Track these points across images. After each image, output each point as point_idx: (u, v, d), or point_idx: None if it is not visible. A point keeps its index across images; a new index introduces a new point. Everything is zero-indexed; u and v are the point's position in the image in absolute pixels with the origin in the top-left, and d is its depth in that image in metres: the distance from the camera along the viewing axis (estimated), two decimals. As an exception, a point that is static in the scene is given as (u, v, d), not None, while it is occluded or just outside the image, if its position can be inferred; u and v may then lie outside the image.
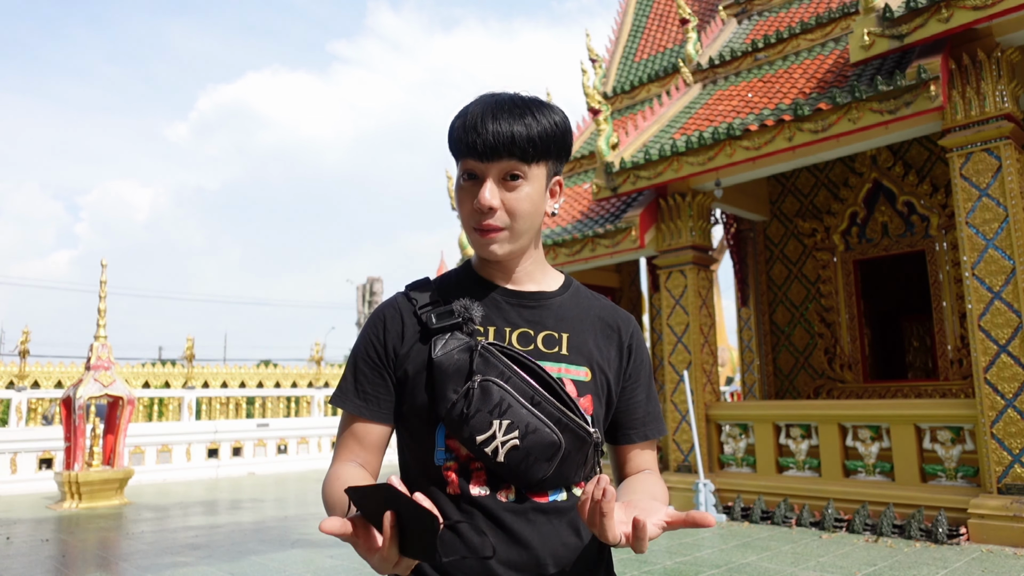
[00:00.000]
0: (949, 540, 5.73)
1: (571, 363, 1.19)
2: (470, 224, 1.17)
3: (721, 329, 21.06)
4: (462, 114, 1.16)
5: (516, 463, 1.08)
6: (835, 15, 8.21)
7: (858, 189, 9.07)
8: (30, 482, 12.12)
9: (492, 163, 1.13)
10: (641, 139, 8.80)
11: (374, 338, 1.21)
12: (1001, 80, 6.01)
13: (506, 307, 1.21)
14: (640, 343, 1.30)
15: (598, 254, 8.97)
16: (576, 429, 1.11)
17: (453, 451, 1.13)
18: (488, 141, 1.11)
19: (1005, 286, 5.87)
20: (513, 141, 1.12)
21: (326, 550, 6.37)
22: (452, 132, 1.16)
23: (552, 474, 1.11)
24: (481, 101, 1.17)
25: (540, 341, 1.19)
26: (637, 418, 1.29)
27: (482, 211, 1.14)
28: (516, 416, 1.08)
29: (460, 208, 1.19)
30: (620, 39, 12.45)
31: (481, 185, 1.14)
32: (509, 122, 1.12)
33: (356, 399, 1.19)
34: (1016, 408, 5.72)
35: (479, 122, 1.12)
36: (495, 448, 1.08)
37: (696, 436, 7.79)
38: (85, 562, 6.17)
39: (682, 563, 5.40)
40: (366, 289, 50.43)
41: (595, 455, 1.18)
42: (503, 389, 1.09)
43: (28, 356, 13.65)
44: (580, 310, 1.26)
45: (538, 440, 1.08)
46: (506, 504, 1.11)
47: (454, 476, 1.13)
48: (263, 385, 16.65)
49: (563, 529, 1.13)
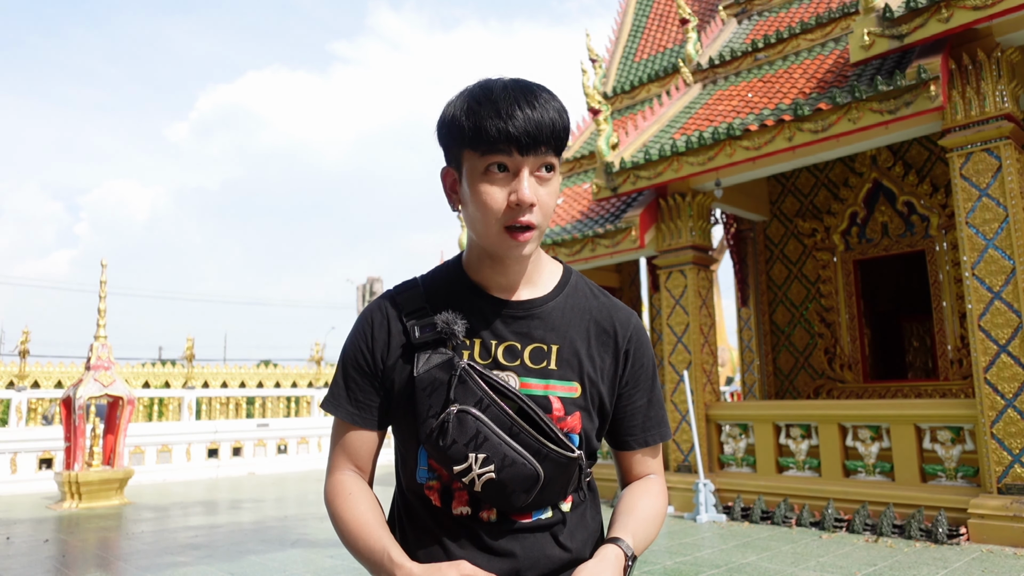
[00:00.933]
0: (949, 540, 5.73)
1: (560, 379, 1.13)
2: (499, 222, 1.05)
3: (721, 329, 21.06)
4: (483, 99, 1.03)
5: (493, 494, 1.06)
6: (835, 15, 8.21)
7: (858, 189, 9.07)
8: (30, 482, 12.12)
9: (530, 155, 1.02)
10: (641, 139, 8.80)
11: (363, 345, 1.17)
12: (1001, 80, 6.01)
13: (493, 318, 1.14)
14: (641, 344, 1.21)
15: (598, 254, 8.97)
16: (557, 458, 1.07)
17: (436, 470, 1.11)
18: (529, 129, 1.00)
19: (1005, 286, 5.87)
20: (552, 130, 1.03)
21: (326, 550, 6.37)
22: (473, 118, 1.03)
23: (533, 500, 1.08)
24: (501, 85, 1.05)
25: (527, 355, 1.13)
26: (636, 424, 1.23)
27: (523, 207, 1.03)
28: (492, 449, 1.04)
29: (484, 203, 1.05)
30: (620, 39, 12.44)
31: (513, 178, 1.04)
32: (544, 108, 1.03)
33: (349, 406, 1.16)
34: (1016, 408, 5.72)
35: (515, 107, 1.01)
36: (472, 479, 1.05)
37: (696, 436, 7.79)
38: (85, 562, 6.17)
39: (682, 563, 5.40)
40: (366, 289, 50.37)
41: (581, 472, 1.14)
42: (479, 421, 1.05)
43: (28, 356, 13.66)
44: (574, 315, 1.18)
45: (516, 473, 1.05)
46: (488, 524, 1.10)
47: (435, 496, 1.11)
48: (263, 385, 16.66)
49: (546, 541, 1.12)
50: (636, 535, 1.12)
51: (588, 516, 1.18)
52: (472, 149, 1.04)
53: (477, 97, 1.04)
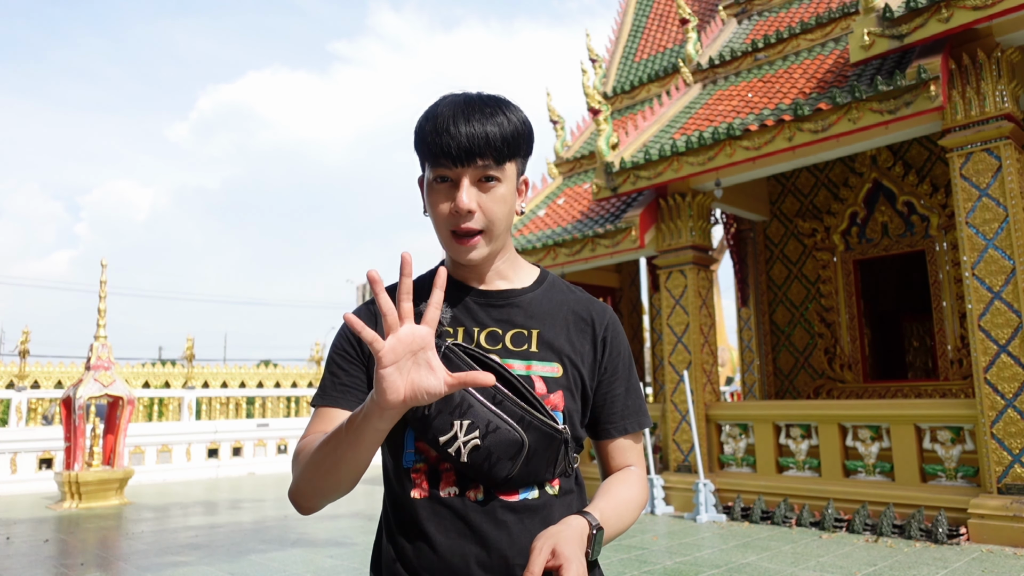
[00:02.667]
0: (949, 540, 5.73)
1: (541, 359, 1.18)
2: (446, 228, 1.15)
3: (721, 329, 21.06)
4: (430, 116, 1.13)
5: (479, 462, 1.08)
6: (835, 15, 8.21)
7: (858, 189, 9.07)
8: (30, 482, 12.12)
9: (467, 167, 1.11)
10: (641, 139, 8.80)
11: (347, 338, 1.20)
12: (1001, 80, 6.01)
13: (475, 308, 1.20)
14: (616, 335, 1.27)
15: (598, 254, 8.97)
16: (541, 426, 1.10)
17: (422, 453, 1.13)
18: (463, 144, 1.09)
19: (1005, 286, 5.87)
20: (488, 142, 1.10)
21: (326, 550, 6.37)
22: (421, 135, 1.13)
23: (518, 472, 1.10)
24: (448, 102, 1.15)
25: (508, 339, 1.18)
26: (616, 412, 1.26)
27: (461, 214, 1.12)
28: (476, 416, 1.08)
29: (433, 212, 1.16)
30: (620, 39, 12.45)
31: (455, 188, 1.12)
32: (482, 122, 1.10)
33: (334, 392, 1.18)
34: (1016, 408, 5.72)
35: (451, 124, 1.10)
36: (457, 448, 1.07)
37: (696, 436, 7.79)
38: (85, 562, 6.17)
39: (682, 563, 5.40)
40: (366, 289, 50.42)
41: (567, 452, 1.16)
42: (464, 390, 1.07)
43: (28, 356, 13.65)
44: (552, 305, 1.24)
45: (500, 439, 1.07)
46: (474, 504, 1.11)
47: (423, 479, 1.13)
48: (263, 385, 16.65)
49: (535, 528, 1.11)
50: (604, 512, 1.13)
51: (575, 508, 1.19)
52: (426, 161, 1.15)
53: (428, 114, 1.14)
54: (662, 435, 8.65)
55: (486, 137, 1.10)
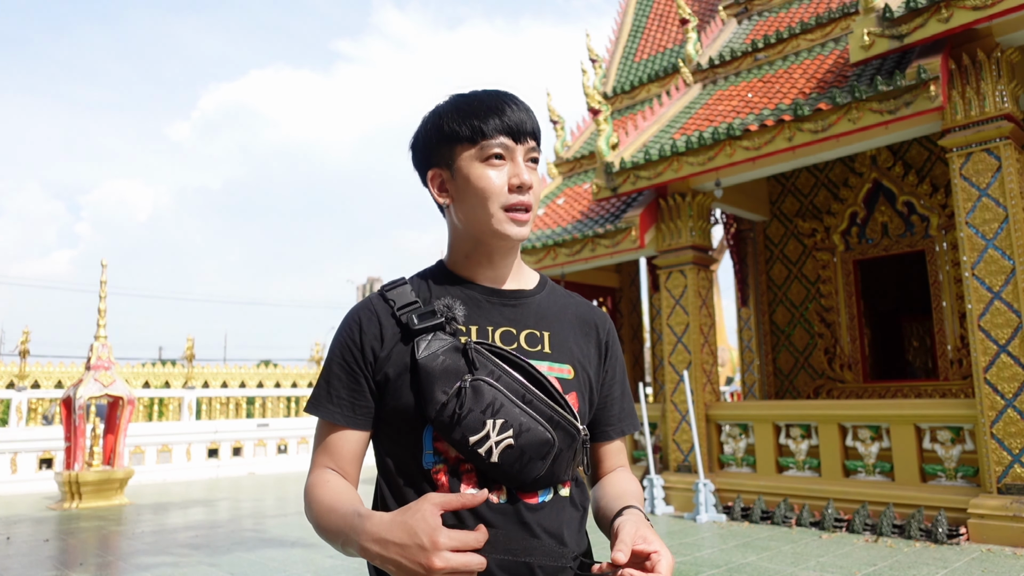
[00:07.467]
0: (949, 540, 5.73)
1: (555, 361, 1.18)
2: (498, 204, 1.14)
3: (721, 329, 21.07)
4: (470, 101, 1.16)
5: (510, 463, 1.06)
6: (835, 15, 8.21)
7: (858, 189, 9.07)
8: (30, 482, 12.13)
9: (522, 143, 1.16)
10: (641, 139, 8.80)
11: (349, 341, 1.17)
12: (1001, 80, 6.01)
13: (487, 306, 1.19)
14: (615, 341, 1.31)
15: (598, 254, 8.97)
16: (567, 426, 1.10)
17: (442, 453, 1.11)
18: (520, 120, 1.15)
19: (1005, 286, 5.87)
20: (534, 125, 1.17)
21: (326, 550, 6.37)
22: (469, 118, 1.15)
23: (545, 473, 1.09)
24: (480, 91, 1.19)
25: (523, 339, 1.18)
26: (614, 414, 1.29)
27: (523, 188, 1.15)
28: (509, 415, 1.06)
29: (486, 189, 1.14)
30: (620, 39, 12.45)
31: (505, 166, 1.15)
32: (524, 108, 1.17)
33: (330, 404, 1.15)
34: (1016, 408, 5.72)
35: (504, 104, 1.15)
36: (489, 448, 1.05)
37: (696, 436, 7.79)
38: (85, 562, 6.17)
39: (682, 563, 5.41)
40: (366, 289, 50.38)
41: (582, 452, 1.16)
42: (495, 388, 1.07)
43: (28, 356, 13.66)
44: (558, 308, 1.26)
45: (532, 439, 1.06)
46: (498, 506, 1.09)
47: (444, 478, 1.10)
48: (263, 385, 16.66)
49: (552, 530, 1.11)
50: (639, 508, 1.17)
51: (578, 508, 1.20)
52: (470, 144, 1.15)
53: (468, 101, 1.17)
54: (662, 435, 8.65)
55: (532, 122, 1.17)
